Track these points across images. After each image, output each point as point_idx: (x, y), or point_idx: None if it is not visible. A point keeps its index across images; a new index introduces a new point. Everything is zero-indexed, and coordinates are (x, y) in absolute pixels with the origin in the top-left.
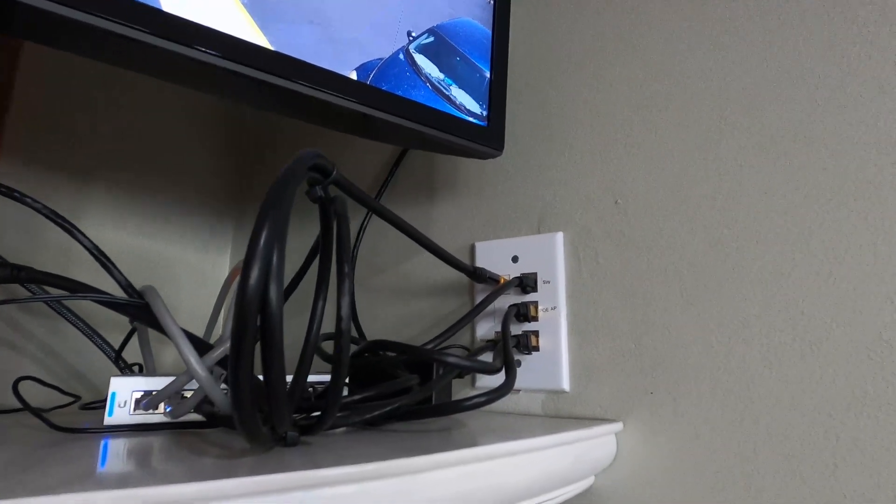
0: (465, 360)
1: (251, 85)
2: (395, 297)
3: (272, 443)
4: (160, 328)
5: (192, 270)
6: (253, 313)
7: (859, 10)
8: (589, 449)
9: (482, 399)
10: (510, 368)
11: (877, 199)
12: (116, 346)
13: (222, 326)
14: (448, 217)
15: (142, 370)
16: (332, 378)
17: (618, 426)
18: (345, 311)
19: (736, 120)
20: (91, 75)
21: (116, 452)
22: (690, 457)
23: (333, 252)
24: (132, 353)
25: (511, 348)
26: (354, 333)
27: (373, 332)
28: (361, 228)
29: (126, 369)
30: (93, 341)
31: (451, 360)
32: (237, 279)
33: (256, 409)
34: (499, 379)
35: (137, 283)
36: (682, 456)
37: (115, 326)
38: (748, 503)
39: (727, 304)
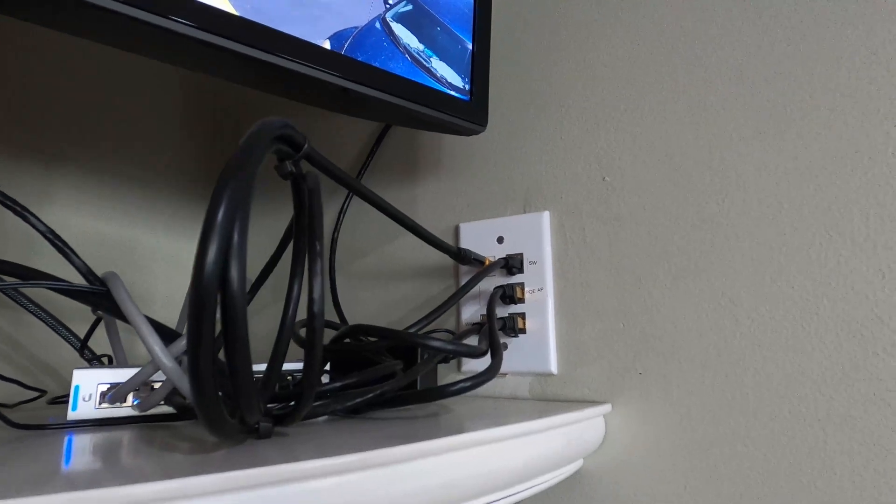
0: (449, 344)
1: (214, 54)
2: (378, 281)
3: (242, 435)
4: (123, 317)
5: (164, 256)
6: (211, 295)
7: None
8: (578, 432)
9: (468, 384)
10: (496, 351)
11: (868, 173)
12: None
13: None
14: (432, 197)
15: (112, 362)
16: (305, 363)
17: (606, 408)
18: (317, 291)
19: (727, 93)
20: (51, 51)
21: (82, 449)
22: (680, 436)
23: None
24: (103, 345)
25: (497, 330)
26: (335, 319)
27: (355, 317)
28: (342, 211)
29: (95, 361)
30: (56, 332)
31: (435, 343)
32: None
33: (219, 399)
34: (485, 363)
35: (107, 270)
36: (671, 435)
37: (84, 316)
38: (739, 480)
39: (716, 281)
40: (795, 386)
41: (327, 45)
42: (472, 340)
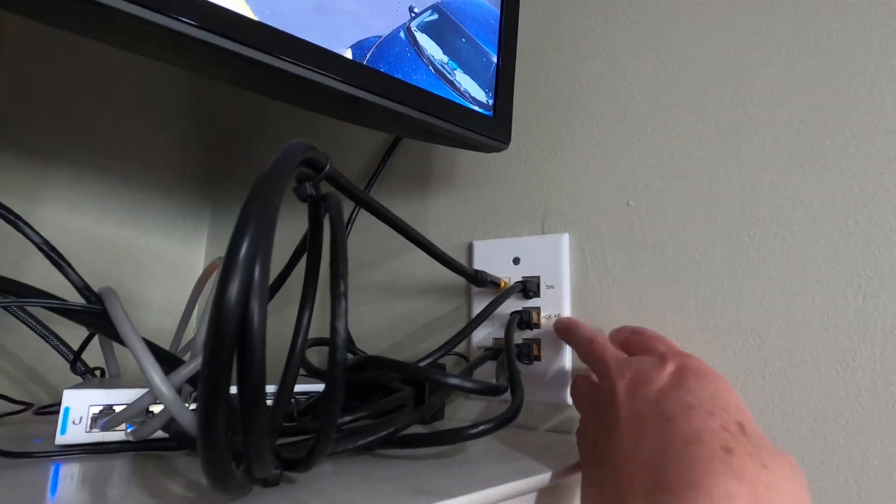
0: (468, 382)
1: (231, 60)
2: (385, 297)
3: (248, 486)
4: (119, 338)
5: (164, 260)
6: (230, 335)
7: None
8: None
9: (489, 426)
10: (517, 391)
11: None
12: (77, 346)
13: (196, 326)
14: (444, 212)
15: (104, 374)
16: (319, 431)
17: None
18: (340, 354)
19: (761, 115)
20: (53, 49)
21: (70, 478)
22: None
23: (328, 259)
24: (96, 353)
25: (516, 364)
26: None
27: (360, 333)
28: (350, 221)
29: (88, 374)
30: (48, 342)
31: (453, 381)
32: (214, 276)
33: (230, 456)
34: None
35: (104, 274)
36: None
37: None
38: None
39: (746, 317)
40: (829, 430)
41: (349, 54)
42: (486, 367)
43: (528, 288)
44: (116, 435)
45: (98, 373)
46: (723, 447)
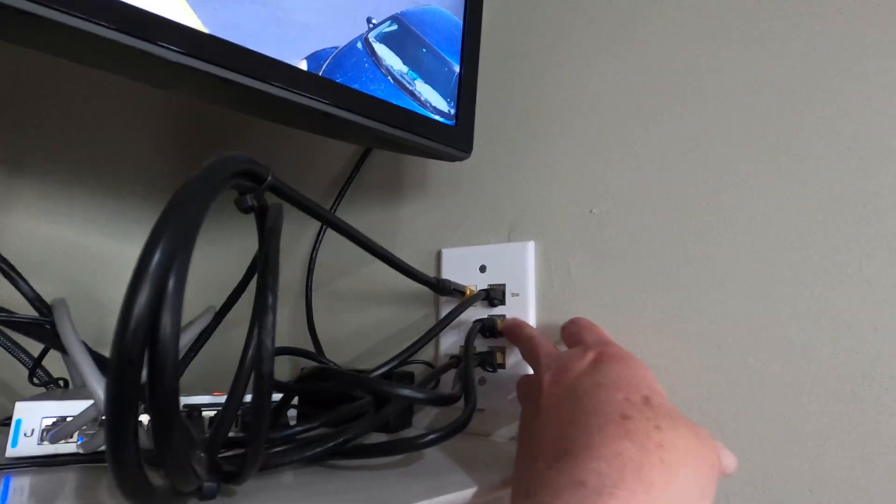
0: (419, 393)
1: (182, 73)
2: (356, 304)
3: (178, 500)
4: (66, 351)
5: None
6: (138, 349)
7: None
8: None
9: (438, 436)
10: (470, 398)
11: (869, 224)
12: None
13: None
14: (415, 221)
15: (67, 385)
16: (247, 444)
17: None
18: (266, 367)
19: (729, 126)
20: (21, 53)
21: (20, 491)
22: None
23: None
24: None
25: (473, 374)
26: (310, 343)
27: (331, 340)
28: (321, 230)
29: (51, 385)
30: (8, 351)
31: (404, 392)
32: None
33: (141, 469)
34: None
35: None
36: None
37: None
38: None
39: (709, 326)
40: (786, 441)
41: (304, 65)
42: (450, 375)
43: (493, 296)
44: (69, 447)
45: (62, 383)
46: (621, 415)
